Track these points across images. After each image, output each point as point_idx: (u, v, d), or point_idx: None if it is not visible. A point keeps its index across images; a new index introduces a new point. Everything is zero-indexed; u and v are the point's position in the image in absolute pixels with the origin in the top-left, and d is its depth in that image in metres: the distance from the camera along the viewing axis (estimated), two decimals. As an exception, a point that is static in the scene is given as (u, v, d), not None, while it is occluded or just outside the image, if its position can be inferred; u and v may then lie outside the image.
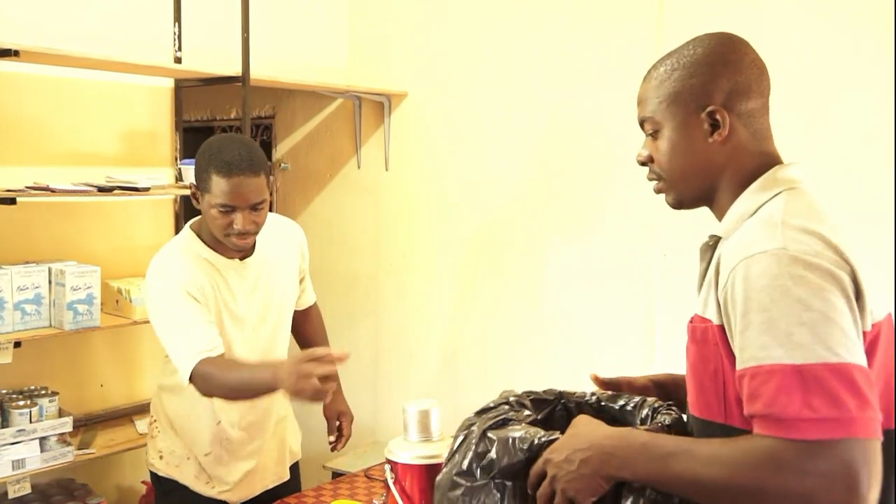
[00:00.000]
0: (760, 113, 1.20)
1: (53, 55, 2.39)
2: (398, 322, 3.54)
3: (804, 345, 0.97)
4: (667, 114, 1.21)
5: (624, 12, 2.81)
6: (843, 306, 1.00)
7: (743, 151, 1.19)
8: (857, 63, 2.40)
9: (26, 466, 2.41)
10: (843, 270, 1.03)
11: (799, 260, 1.01)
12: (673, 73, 1.20)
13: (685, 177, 1.22)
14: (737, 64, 1.18)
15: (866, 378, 0.97)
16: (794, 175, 1.18)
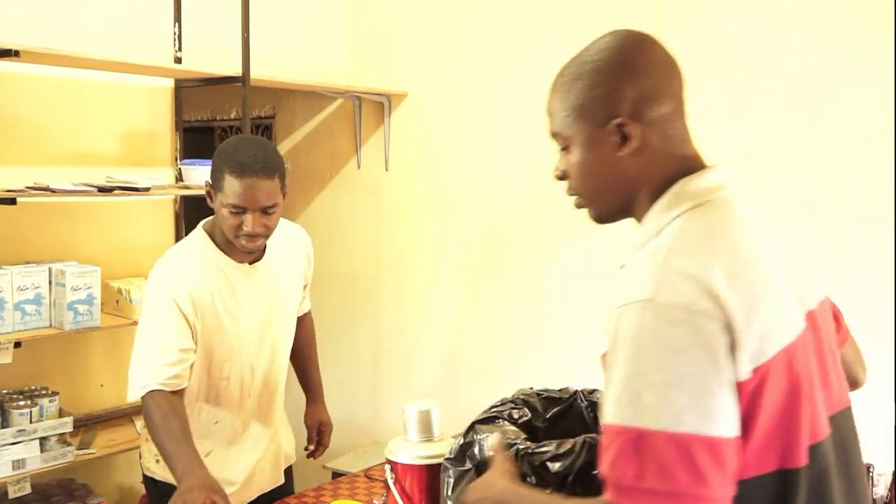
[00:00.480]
0: (673, 116, 1.11)
1: (53, 55, 2.39)
2: (398, 322, 3.54)
3: (650, 408, 0.93)
4: (573, 128, 1.13)
5: (624, 12, 2.81)
6: (704, 367, 0.94)
7: (657, 161, 1.10)
8: (857, 63, 2.40)
9: (26, 466, 2.41)
10: (714, 321, 0.95)
11: (664, 315, 0.96)
12: (575, 84, 1.12)
13: (600, 193, 1.15)
14: (642, 68, 1.09)
15: (712, 450, 0.92)
16: (705, 185, 1.10)
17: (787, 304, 1.05)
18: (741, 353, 0.96)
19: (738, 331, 0.96)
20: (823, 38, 2.45)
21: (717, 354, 0.95)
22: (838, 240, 2.45)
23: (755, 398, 0.97)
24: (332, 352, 3.69)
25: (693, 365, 0.94)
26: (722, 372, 0.95)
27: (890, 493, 2.24)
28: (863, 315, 2.37)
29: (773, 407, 0.99)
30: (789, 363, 1.01)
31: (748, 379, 0.96)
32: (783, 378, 1.00)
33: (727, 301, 0.97)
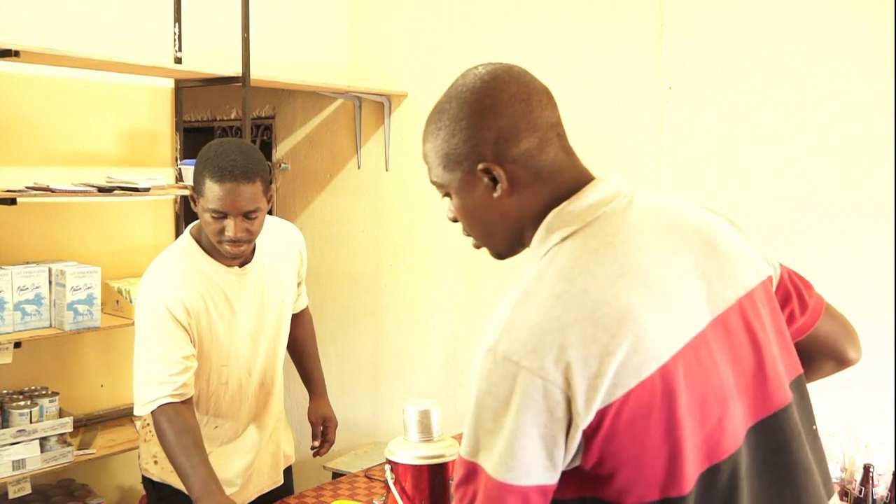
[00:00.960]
0: (539, 148, 1.09)
1: (54, 55, 2.39)
2: (398, 322, 3.55)
3: (483, 451, 1.00)
4: (446, 176, 1.13)
5: (624, 12, 2.81)
6: (526, 420, 0.97)
7: (531, 195, 1.10)
8: (857, 62, 2.40)
9: (26, 467, 2.41)
10: (542, 378, 0.97)
11: (498, 366, 0.99)
12: (439, 134, 1.12)
13: (489, 234, 1.16)
14: (494, 109, 1.08)
15: (522, 498, 0.98)
16: (576, 209, 1.07)
17: (657, 326, 1.00)
18: (577, 404, 0.97)
19: (573, 383, 0.96)
20: (824, 36, 2.45)
21: (545, 409, 0.97)
22: (838, 239, 2.45)
23: (609, 435, 0.98)
24: (332, 352, 3.69)
25: (518, 418, 0.97)
26: (548, 425, 0.97)
27: (890, 494, 2.24)
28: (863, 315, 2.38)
29: (637, 438, 0.98)
30: (657, 391, 0.98)
31: (591, 421, 0.97)
32: (646, 409, 0.98)
33: (561, 352, 0.97)
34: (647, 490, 0.99)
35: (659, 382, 0.98)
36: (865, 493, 2.19)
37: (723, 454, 1.02)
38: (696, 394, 1.01)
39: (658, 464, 0.99)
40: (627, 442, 0.98)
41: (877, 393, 2.35)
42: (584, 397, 0.96)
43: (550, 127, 1.11)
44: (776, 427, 1.08)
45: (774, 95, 2.53)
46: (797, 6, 2.49)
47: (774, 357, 1.11)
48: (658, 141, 2.73)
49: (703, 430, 1.01)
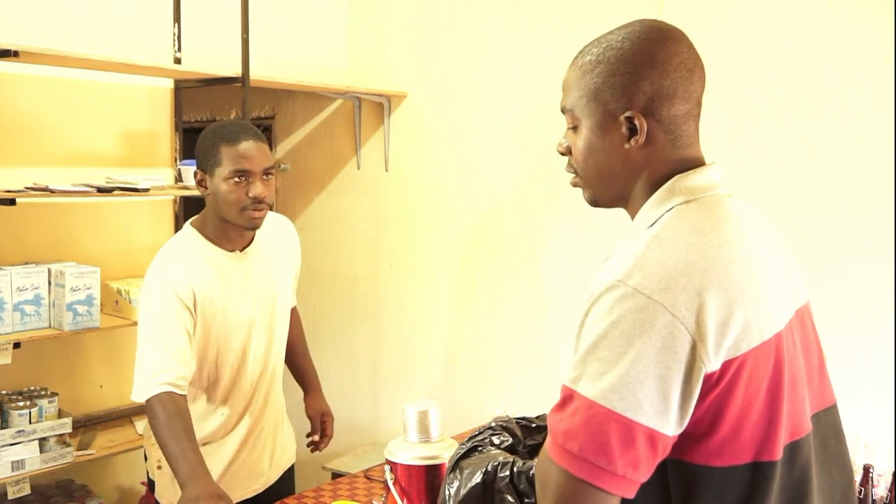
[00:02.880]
0: (685, 118, 1.13)
1: (53, 56, 2.39)
2: (398, 322, 3.54)
3: (590, 379, 0.97)
4: (586, 110, 1.14)
5: (624, 12, 2.80)
6: (650, 355, 0.95)
7: (660, 157, 1.12)
8: (858, 62, 2.40)
9: (26, 467, 2.41)
10: (673, 315, 0.96)
11: (629, 298, 0.97)
12: (596, 67, 1.12)
13: (600, 178, 1.16)
14: (664, 65, 1.10)
15: (627, 432, 0.95)
16: (698, 182, 1.11)
17: (772, 299, 1.05)
18: (706, 347, 0.96)
19: (703, 325, 0.96)
20: (824, 37, 2.45)
21: (669, 347, 0.95)
22: (838, 240, 2.45)
23: (727, 389, 0.98)
24: (332, 352, 3.69)
25: (639, 351, 0.95)
26: (669, 365, 0.95)
27: (890, 494, 2.23)
28: (863, 315, 2.38)
29: (748, 399, 1.00)
30: (771, 357, 1.01)
31: (716, 371, 0.97)
32: (762, 372, 1.00)
33: (696, 294, 0.97)
34: (742, 452, 1.01)
35: (774, 348, 1.02)
36: (865, 494, 2.19)
37: (803, 431, 1.07)
38: (794, 369, 1.06)
39: (758, 427, 1.01)
40: (740, 399, 0.99)
41: (877, 393, 2.35)
42: (714, 342, 0.96)
43: (698, 103, 1.16)
44: (827, 421, 1.15)
45: (774, 95, 2.53)
46: (797, 6, 2.48)
47: (821, 361, 1.19)
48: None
49: (791, 406, 1.05)
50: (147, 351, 1.93)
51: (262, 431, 2.17)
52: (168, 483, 2.09)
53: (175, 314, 1.93)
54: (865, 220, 2.40)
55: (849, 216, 2.43)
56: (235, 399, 2.09)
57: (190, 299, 1.95)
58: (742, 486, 1.01)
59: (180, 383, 1.90)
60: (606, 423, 0.94)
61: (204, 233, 2.02)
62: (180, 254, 2.01)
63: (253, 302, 2.07)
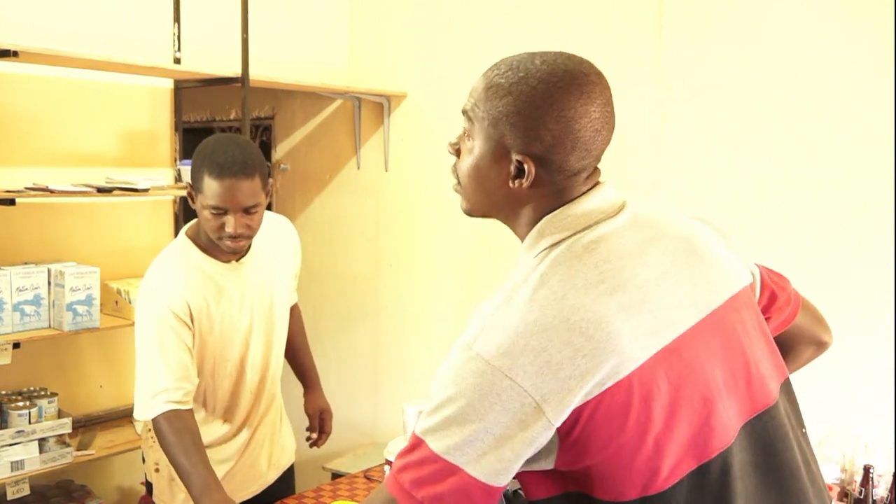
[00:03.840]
0: (578, 170, 1.08)
1: (53, 56, 2.39)
2: (398, 323, 3.54)
3: (436, 432, 1.01)
4: (482, 133, 1.10)
5: (624, 12, 2.80)
6: (488, 417, 0.99)
7: (543, 199, 1.09)
8: (858, 63, 2.40)
9: (25, 467, 2.40)
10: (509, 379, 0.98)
11: (471, 362, 1.01)
12: (505, 97, 1.07)
13: (478, 199, 1.15)
14: (571, 122, 1.04)
15: (462, 487, 1.00)
16: (568, 217, 1.08)
17: (638, 329, 1.01)
18: (550, 405, 0.98)
19: (544, 385, 0.98)
20: (824, 37, 2.45)
21: (509, 410, 0.98)
22: (839, 239, 2.45)
23: (586, 432, 0.99)
24: (332, 352, 3.69)
25: (481, 415, 0.99)
26: (509, 427, 0.98)
27: (890, 494, 2.23)
28: (863, 315, 2.38)
29: (611, 437, 0.99)
30: (634, 391, 0.99)
31: (567, 419, 0.98)
32: (624, 408, 0.99)
33: (535, 355, 0.98)
34: (626, 489, 1.01)
35: (636, 383, 0.99)
36: (865, 494, 2.19)
37: (711, 452, 1.03)
38: (680, 394, 1.02)
39: (635, 463, 1.00)
40: (603, 440, 0.99)
41: (877, 393, 2.35)
42: (557, 398, 0.98)
43: (598, 157, 1.12)
44: (762, 427, 1.10)
45: (774, 95, 2.53)
46: (797, 6, 2.48)
47: (759, 359, 1.13)
48: (658, 141, 2.72)
49: (690, 430, 1.02)
50: (147, 369, 1.91)
51: (262, 434, 2.17)
52: (165, 486, 2.09)
53: (172, 329, 1.91)
54: (865, 220, 2.40)
55: (849, 216, 2.43)
56: (235, 407, 2.09)
57: (186, 314, 1.93)
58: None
59: (185, 399, 1.89)
60: (447, 476, 1.00)
61: (198, 243, 1.99)
62: (174, 266, 1.97)
63: (250, 311, 2.05)
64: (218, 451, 2.09)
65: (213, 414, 2.08)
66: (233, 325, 2.02)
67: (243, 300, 2.03)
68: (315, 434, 2.34)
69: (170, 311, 1.91)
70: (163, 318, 1.91)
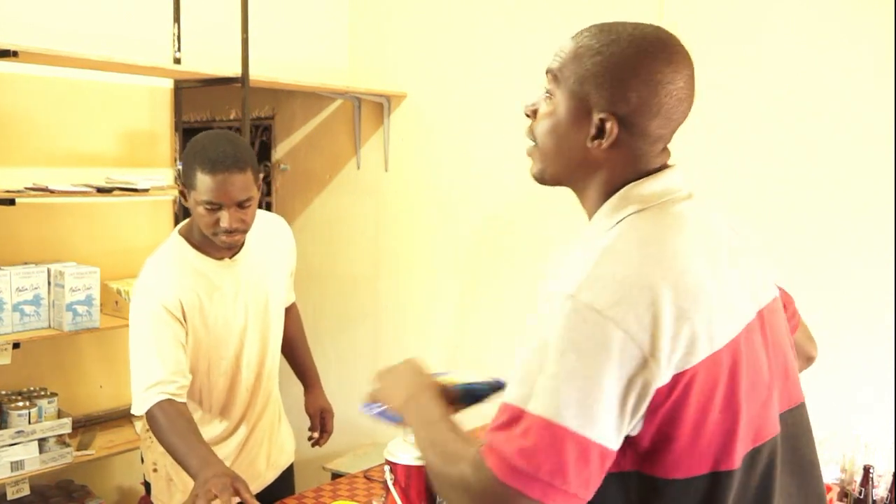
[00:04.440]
0: (657, 139, 1.10)
1: (53, 56, 2.39)
2: (398, 323, 3.54)
3: (540, 396, 0.95)
4: (567, 91, 1.10)
5: (624, 13, 2.80)
6: (600, 371, 0.94)
7: (620, 163, 1.10)
8: (858, 62, 2.40)
9: (25, 468, 2.40)
10: (624, 330, 0.95)
11: (578, 313, 0.96)
12: (594, 57, 1.08)
13: (554, 160, 1.14)
14: (658, 86, 1.06)
15: (581, 449, 0.94)
16: (651, 190, 1.09)
17: (726, 307, 1.03)
18: (657, 362, 0.95)
19: (654, 340, 0.95)
20: (824, 37, 2.45)
21: (618, 362, 0.94)
22: (838, 240, 2.45)
23: (679, 402, 0.97)
24: (332, 352, 3.69)
25: (589, 367, 0.94)
26: (619, 380, 0.94)
27: (890, 494, 2.23)
28: (863, 315, 2.38)
29: (702, 410, 0.99)
30: (725, 367, 1.00)
31: (667, 384, 0.96)
32: (715, 382, 0.99)
33: (647, 308, 0.96)
34: (699, 463, 1.00)
35: (727, 357, 1.01)
36: (865, 494, 2.19)
37: (765, 437, 1.06)
38: (749, 375, 1.04)
39: (715, 437, 1.00)
40: (693, 411, 0.98)
41: (877, 393, 2.35)
42: (665, 357, 0.96)
43: (674, 130, 1.13)
44: (792, 421, 1.14)
45: (774, 95, 2.53)
46: (797, 6, 2.48)
47: (792, 360, 1.18)
48: (658, 141, 2.72)
49: (751, 412, 1.04)
50: (142, 364, 1.91)
51: (259, 433, 2.17)
52: (164, 486, 2.09)
53: (166, 325, 1.91)
54: (865, 220, 2.40)
55: (849, 216, 2.43)
56: (231, 406, 2.09)
57: (179, 310, 1.93)
58: (699, 497, 1.01)
59: (179, 392, 1.89)
60: (563, 441, 0.93)
61: (191, 241, 1.99)
62: (168, 264, 1.98)
63: (245, 309, 2.05)
64: (215, 450, 2.09)
65: (210, 412, 2.08)
66: (227, 323, 2.02)
67: (237, 297, 2.03)
68: (316, 433, 2.34)
69: (163, 308, 1.91)
70: (156, 314, 1.91)
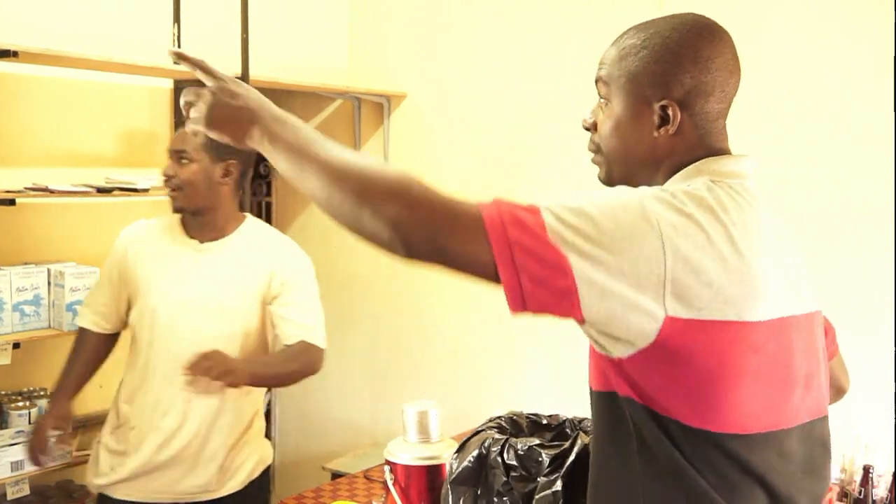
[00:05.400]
0: (717, 115, 1.14)
1: (52, 56, 2.39)
2: (398, 323, 3.54)
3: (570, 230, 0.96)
4: (621, 91, 1.13)
5: (624, 13, 2.80)
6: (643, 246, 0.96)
7: (686, 148, 1.13)
8: (856, 63, 2.40)
9: (25, 468, 2.40)
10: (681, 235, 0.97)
11: (652, 194, 1.00)
12: (640, 52, 1.12)
13: (621, 158, 1.16)
14: (707, 62, 1.10)
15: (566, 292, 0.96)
16: (726, 168, 1.11)
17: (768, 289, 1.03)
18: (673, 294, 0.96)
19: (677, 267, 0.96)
20: (824, 37, 2.45)
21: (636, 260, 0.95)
22: (838, 240, 2.45)
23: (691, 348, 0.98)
24: (332, 352, 3.67)
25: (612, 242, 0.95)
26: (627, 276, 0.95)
27: (890, 494, 2.23)
28: (863, 315, 2.38)
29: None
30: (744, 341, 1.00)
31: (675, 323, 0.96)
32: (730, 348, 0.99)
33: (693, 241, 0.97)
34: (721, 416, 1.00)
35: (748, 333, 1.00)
36: (865, 495, 2.19)
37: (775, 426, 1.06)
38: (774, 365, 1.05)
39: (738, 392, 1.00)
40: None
41: (877, 393, 2.35)
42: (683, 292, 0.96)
43: (730, 104, 1.17)
44: (817, 432, 1.14)
45: (774, 95, 2.53)
46: (797, 6, 2.48)
47: (824, 374, 1.18)
48: (658, 141, 2.72)
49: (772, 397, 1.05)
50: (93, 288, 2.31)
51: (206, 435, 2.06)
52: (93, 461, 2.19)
53: (114, 260, 2.18)
54: (865, 220, 2.40)
55: (849, 216, 2.43)
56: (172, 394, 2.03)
57: (121, 260, 2.15)
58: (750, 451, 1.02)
59: (100, 321, 2.21)
60: (545, 251, 0.95)
61: (183, 218, 2.14)
62: (149, 222, 2.20)
63: (196, 295, 2.05)
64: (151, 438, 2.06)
65: (155, 403, 2.06)
66: (166, 301, 2.07)
67: (191, 282, 2.07)
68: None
69: (117, 244, 2.19)
70: (113, 249, 2.19)
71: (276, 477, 3.99)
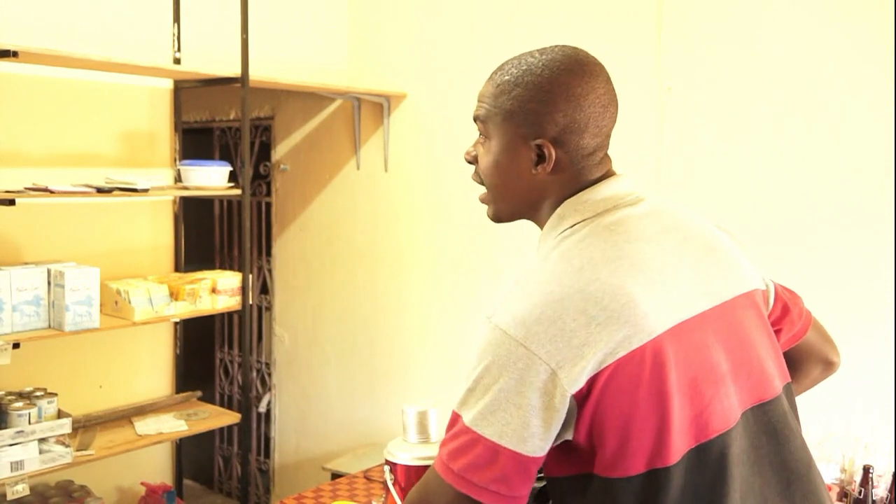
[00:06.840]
0: (593, 149, 1.15)
1: (52, 56, 2.39)
2: (397, 323, 3.54)
3: (473, 410, 1.05)
4: (498, 129, 1.16)
5: (624, 12, 2.80)
6: (512, 387, 1.02)
7: (565, 183, 1.16)
8: (858, 62, 2.40)
9: (25, 468, 2.40)
10: (525, 348, 1.02)
11: (492, 334, 1.05)
12: (514, 89, 1.14)
13: (502, 196, 1.20)
14: (579, 100, 1.12)
15: (516, 461, 1.02)
16: (591, 199, 1.14)
17: (651, 305, 1.04)
18: (565, 371, 1.01)
19: (559, 353, 1.01)
20: (824, 37, 2.45)
21: (526, 379, 1.01)
22: (838, 240, 2.45)
23: (600, 401, 1.02)
24: (331, 353, 3.69)
25: (500, 384, 1.02)
26: (527, 395, 1.01)
27: (890, 494, 2.23)
28: (862, 315, 2.38)
29: (626, 407, 1.02)
30: (646, 364, 1.02)
31: (583, 387, 1.01)
32: (637, 379, 1.02)
33: (550, 324, 1.02)
34: (634, 462, 1.03)
35: (649, 355, 1.02)
36: (865, 495, 2.19)
37: (711, 434, 1.06)
38: (686, 373, 1.06)
39: (646, 435, 1.03)
40: (617, 410, 1.02)
41: (876, 394, 2.35)
42: (571, 364, 1.01)
43: (608, 136, 1.19)
44: (764, 416, 1.14)
45: (774, 96, 2.53)
46: (797, 7, 2.48)
47: (763, 357, 1.17)
48: (657, 141, 2.72)
49: (693, 409, 1.06)
50: None
51: None
52: None
53: None
54: (865, 220, 2.40)
55: (849, 216, 2.43)
56: None
57: None
58: (642, 494, 1.03)
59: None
60: (476, 446, 1.03)
61: None
62: None
63: None
64: None
65: None
66: None
67: None
68: None
69: None
70: None
71: (276, 477, 3.99)
